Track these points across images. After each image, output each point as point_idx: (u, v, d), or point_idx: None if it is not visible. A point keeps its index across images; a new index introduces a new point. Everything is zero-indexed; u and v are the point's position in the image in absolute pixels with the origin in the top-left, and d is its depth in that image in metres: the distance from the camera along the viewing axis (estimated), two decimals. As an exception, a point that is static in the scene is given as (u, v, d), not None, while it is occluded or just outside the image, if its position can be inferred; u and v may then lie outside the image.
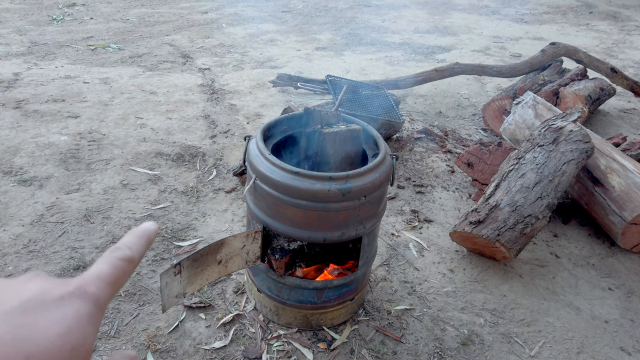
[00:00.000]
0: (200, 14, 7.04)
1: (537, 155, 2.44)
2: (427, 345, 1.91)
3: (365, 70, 5.03)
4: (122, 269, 0.40)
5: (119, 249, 0.41)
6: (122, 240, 0.43)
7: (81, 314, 0.34)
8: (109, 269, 0.39)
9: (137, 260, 0.42)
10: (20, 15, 6.30)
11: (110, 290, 0.38)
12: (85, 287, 0.36)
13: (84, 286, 0.36)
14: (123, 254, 0.41)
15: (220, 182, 2.88)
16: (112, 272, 0.39)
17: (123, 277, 0.40)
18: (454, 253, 2.43)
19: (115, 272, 0.39)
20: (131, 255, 0.41)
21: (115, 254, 0.40)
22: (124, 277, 0.40)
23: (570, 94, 3.53)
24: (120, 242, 0.42)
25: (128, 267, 0.40)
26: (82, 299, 0.35)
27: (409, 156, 3.27)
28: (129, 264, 0.40)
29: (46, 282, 0.35)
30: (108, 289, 0.37)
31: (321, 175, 1.51)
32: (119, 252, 0.41)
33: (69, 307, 0.34)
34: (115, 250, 0.41)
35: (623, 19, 7.79)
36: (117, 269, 0.39)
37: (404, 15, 7.62)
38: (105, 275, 0.38)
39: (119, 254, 0.40)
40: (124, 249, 0.41)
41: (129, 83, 4.27)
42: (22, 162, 2.92)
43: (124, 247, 0.42)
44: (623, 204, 2.42)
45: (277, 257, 1.75)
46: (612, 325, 2.08)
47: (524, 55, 5.54)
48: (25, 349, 0.30)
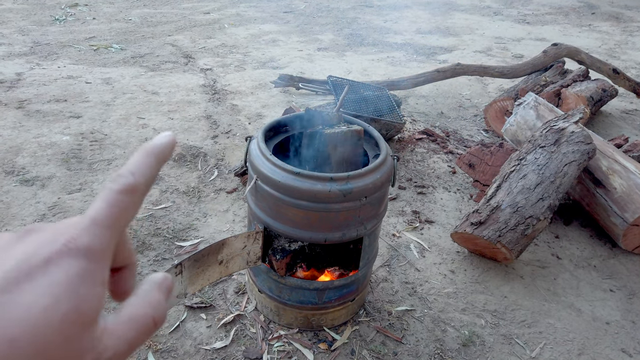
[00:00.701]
0: (202, 15, 7.05)
1: (538, 157, 2.44)
2: (427, 346, 1.91)
3: (367, 71, 5.03)
4: (122, 204, 0.33)
5: (120, 177, 0.33)
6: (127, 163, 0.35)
7: (71, 276, 0.29)
8: (106, 207, 0.32)
9: (143, 188, 0.34)
10: (22, 15, 6.31)
11: (111, 233, 0.32)
12: (76, 240, 0.30)
13: (74, 239, 0.30)
14: (123, 183, 0.33)
15: (222, 183, 2.88)
16: (110, 210, 0.32)
17: (126, 213, 0.33)
18: (455, 254, 2.43)
19: (114, 210, 0.32)
20: (134, 182, 0.33)
21: (114, 186, 0.33)
22: (127, 212, 0.33)
23: (572, 95, 3.53)
24: (124, 165, 0.35)
25: (131, 200, 0.33)
26: (71, 256, 0.29)
27: (411, 157, 3.27)
28: (131, 196, 0.33)
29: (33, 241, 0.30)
30: (106, 233, 0.31)
31: (322, 176, 1.51)
32: (119, 181, 0.33)
33: (55, 271, 0.29)
34: (115, 180, 0.33)
35: (625, 20, 7.78)
36: (116, 206, 0.32)
37: (406, 16, 7.62)
38: (102, 216, 0.32)
39: (118, 185, 0.33)
40: (126, 175, 0.34)
41: (131, 83, 4.27)
42: (24, 162, 2.93)
43: (126, 172, 0.34)
44: (625, 206, 2.41)
45: (278, 258, 1.75)
46: (614, 326, 2.07)
47: (526, 56, 5.54)
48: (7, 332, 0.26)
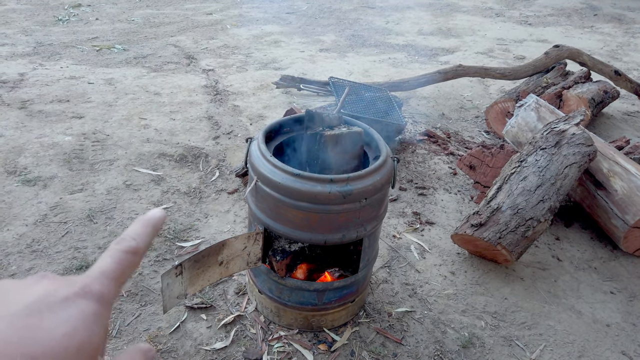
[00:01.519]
0: (204, 15, 7.07)
1: (539, 158, 2.44)
2: (427, 347, 1.91)
3: (368, 72, 5.03)
4: (126, 262, 0.39)
5: (124, 241, 0.40)
6: (128, 230, 0.42)
7: (86, 314, 0.34)
8: (113, 263, 0.38)
9: (142, 251, 0.41)
10: (26, 15, 6.34)
11: (116, 285, 0.38)
12: (90, 286, 0.36)
13: (88, 285, 0.36)
14: (127, 245, 0.40)
15: (223, 183, 2.89)
16: (116, 266, 0.38)
17: (128, 270, 0.39)
18: (456, 255, 2.43)
19: (119, 267, 0.38)
20: (136, 246, 0.41)
21: (119, 247, 0.40)
22: (129, 270, 0.40)
23: (574, 97, 3.53)
24: (125, 232, 0.42)
25: (133, 260, 0.40)
26: (86, 299, 0.35)
27: (411, 158, 3.27)
28: (133, 256, 0.40)
29: (52, 284, 0.36)
30: (113, 285, 0.37)
31: (322, 178, 1.52)
32: (123, 243, 0.40)
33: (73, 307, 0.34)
34: (119, 242, 0.40)
35: (628, 21, 7.77)
36: (121, 263, 0.39)
37: (408, 17, 7.62)
38: (110, 270, 0.38)
39: (123, 246, 0.40)
40: (129, 240, 0.41)
41: (133, 84, 4.29)
42: (27, 162, 2.94)
43: (128, 238, 0.41)
44: (625, 208, 2.41)
45: (278, 259, 1.76)
46: (614, 329, 2.07)
47: (527, 58, 5.53)
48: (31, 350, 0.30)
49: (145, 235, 0.42)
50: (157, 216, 0.45)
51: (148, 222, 0.43)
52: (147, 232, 0.43)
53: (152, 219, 0.44)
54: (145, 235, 0.42)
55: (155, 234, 0.44)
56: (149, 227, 0.43)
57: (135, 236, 0.41)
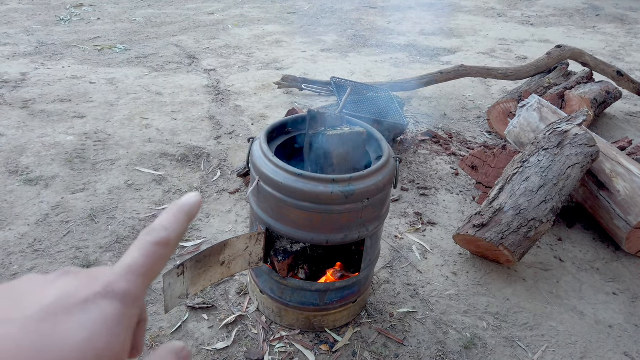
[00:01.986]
0: (206, 15, 7.07)
1: (541, 159, 2.43)
2: (429, 348, 1.91)
3: (370, 72, 5.03)
4: (156, 256, 0.36)
5: (154, 231, 0.37)
6: (159, 218, 0.38)
7: (108, 316, 0.31)
8: (141, 257, 0.35)
9: (174, 242, 0.38)
10: (28, 15, 6.34)
11: (144, 281, 0.35)
12: (114, 285, 0.33)
13: (112, 283, 0.33)
14: (158, 236, 0.36)
15: (225, 183, 2.89)
16: (144, 260, 0.35)
17: (158, 264, 0.36)
18: (458, 256, 2.42)
19: (148, 261, 0.35)
20: (167, 237, 0.37)
21: (149, 238, 0.36)
22: (160, 263, 0.36)
23: (576, 97, 3.52)
24: (156, 221, 0.38)
25: (164, 252, 0.36)
26: (109, 299, 0.32)
27: (413, 158, 3.27)
28: (164, 248, 0.36)
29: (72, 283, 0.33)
30: (140, 281, 0.34)
31: (324, 178, 1.51)
32: (153, 234, 0.37)
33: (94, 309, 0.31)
34: (149, 233, 0.37)
35: (630, 22, 7.75)
36: (150, 257, 0.35)
37: (410, 17, 7.61)
38: (137, 265, 0.35)
39: (153, 237, 0.36)
40: (160, 229, 0.37)
41: (135, 84, 4.29)
42: (28, 161, 2.95)
43: (159, 227, 0.37)
44: (628, 208, 2.40)
45: (280, 259, 1.75)
46: (616, 330, 2.07)
47: (529, 58, 5.52)
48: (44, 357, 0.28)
49: (178, 224, 0.38)
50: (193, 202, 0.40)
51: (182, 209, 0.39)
52: (180, 221, 0.39)
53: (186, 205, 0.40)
54: (178, 224, 0.38)
55: (189, 222, 0.40)
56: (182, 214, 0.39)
57: (167, 225, 0.38)
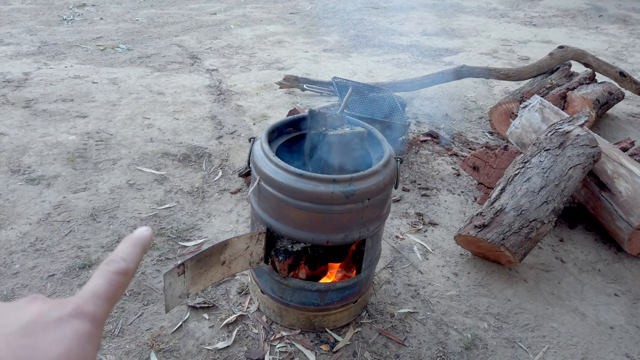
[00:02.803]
0: (208, 15, 7.08)
1: (543, 160, 2.43)
2: (430, 349, 1.90)
3: (372, 72, 5.03)
4: (117, 283, 0.40)
5: (114, 262, 0.42)
6: (117, 250, 0.43)
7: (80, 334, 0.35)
8: (104, 284, 0.40)
9: (132, 271, 0.43)
10: (31, 15, 6.36)
11: (108, 305, 0.39)
12: (82, 307, 0.37)
13: (80, 306, 0.37)
14: (118, 267, 0.41)
15: (226, 183, 2.89)
16: (107, 287, 0.40)
17: (119, 290, 0.41)
18: (459, 257, 2.42)
19: (110, 287, 0.40)
20: (126, 267, 0.42)
21: (109, 268, 0.41)
22: (120, 290, 0.41)
23: (578, 98, 3.51)
24: (114, 252, 0.43)
25: (123, 280, 0.41)
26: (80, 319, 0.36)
27: (415, 159, 3.27)
28: (124, 277, 0.41)
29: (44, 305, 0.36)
30: (105, 305, 0.39)
31: (325, 178, 1.51)
32: (113, 265, 0.41)
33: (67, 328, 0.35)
34: (110, 264, 0.41)
35: (633, 22, 7.74)
36: (112, 284, 0.40)
37: (412, 18, 7.61)
38: (101, 291, 0.39)
39: (114, 267, 0.41)
40: (119, 261, 0.42)
41: (137, 83, 4.30)
42: (31, 161, 2.95)
43: (118, 259, 0.42)
44: (630, 210, 2.40)
45: (280, 259, 1.76)
46: (618, 331, 2.06)
47: (532, 59, 5.52)
48: None
49: (135, 255, 0.43)
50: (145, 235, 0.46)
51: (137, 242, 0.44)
52: (136, 252, 0.44)
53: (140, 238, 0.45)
54: (135, 255, 0.43)
55: (143, 253, 0.45)
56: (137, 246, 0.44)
57: (125, 257, 0.43)
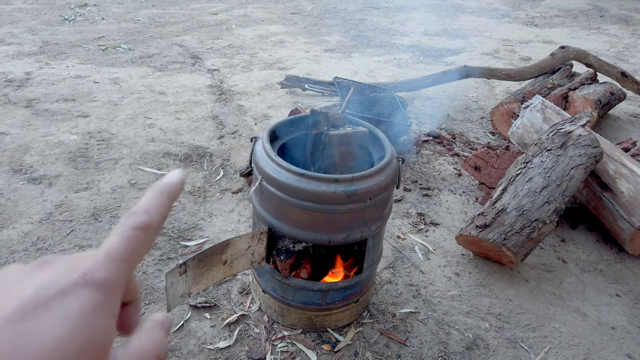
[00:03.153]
0: (210, 15, 7.08)
1: (544, 160, 2.43)
2: (431, 348, 1.90)
3: (373, 72, 5.03)
4: (137, 240, 0.34)
5: (134, 215, 0.35)
6: (141, 200, 0.36)
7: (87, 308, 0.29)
8: (121, 243, 0.33)
9: (156, 225, 0.36)
10: (32, 15, 6.37)
11: (125, 268, 0.33)
12: (92, 273, 0.31)
13: (90, 272, 0.31)
14: (138, 220, 0.35)
15: (227, 183, 2.89)
16: (124, 246, 0.33)
17: (140, 249, 0.34)
18: (460, 257, 2.42)
19: (128, 246, 0.33)
20: (148, 221, 0.35)
21: (129, 222, 0.34)
22: (141, 248, 0.34)
23: (580, 98, 3.51)
24: (138, 203, 0.36)
25: (145, 236, 0.34)
26: (88, 288, 0.30)
27: (416, 159, 3.27)
28: (145, 232, 0.34)
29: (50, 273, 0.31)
30: (120, 267, 0.33)
31: (327, 177, 1.51)
32: (133, 218, 0.35)
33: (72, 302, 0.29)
34: (130, 217, 0.35)
35: (635, 22, 7.73)
36: (131, 242, 0.34)
37: (413, 18, 7.61)
38: (117, 251, 0.33)
39: (133, 222, 0.34)
40: (140, 213, 0.35)
41: (138, 83, 4.30)
42: (32, 160, 2.96)
43: (140, 211, 0.35)
44: (632, 210, 2.39)
45: (282, 259, 1.76)
46: (619, 331, 2.06)
47: (533, 59, 5.51)
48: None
49: (160, 207, 0.36)
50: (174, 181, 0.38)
51: (163, 190, 0.37)
52: (162, 203, 0.36)
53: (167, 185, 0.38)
54: (160, 207, 0.36)
55: (172, 203, 0.37)
56: (163, 196, 0.37)
57: (148, 208, 0.36)
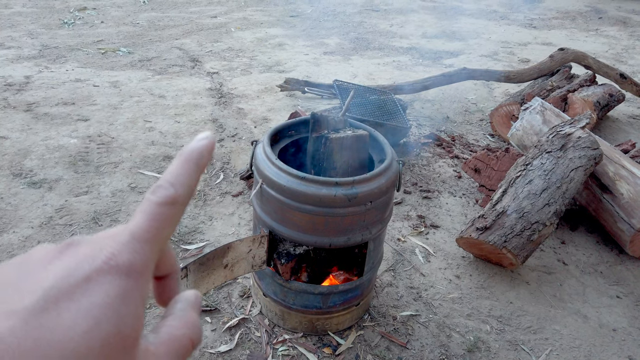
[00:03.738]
0: (209, 18, 7.09)
1: (544, 162, 2.43)
2: (432, 351, 1.90)
3: (372, 75, 5.03)
4: (163, 217, 0.31)
5: (159, 188, 0.32)
6: (166, 172, 0.33)
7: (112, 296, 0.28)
8: (146, 221, 0.31)
9: (183, 199, 0.33)
10: (32, 18, 6.38)
11: (151, 248, 0.31)
12: (116, 257, 0.29)
13: (114, 256, 0.29)
14: (163, 195, 0.32)
15: (227, 186, 2.89)
16: (149, 224, 0.31)
17: (167, 226, 0.32)
18: (461, 259, 2.42)
19: (154, 224, 0.31)
20: (174, 194, 0.32)
21: (153, 198, 0.32)
22: (169, 225, 0.32)
23: (579, 100, 3.52)
24: (163, 175, 0.33)
25: (171, 212, 0.32)
26: (112, 275, 0.28)
27: (416, 161, 3.27)
28: (171, 208, 0.32)
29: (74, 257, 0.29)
30: (147, 248, 0.30)
31: (327, 181, 1.52)
32: (158, 192, 0.32)
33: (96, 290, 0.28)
34: (155, 191, 0.32)
35: (633, 24, 7.75)
36: (156, 219, 0.31)
37: (412, 20, 7.62)
38: (142, 230, 0.31)
39: (158, 197, 0.32)
40: (166, 186, 0.32)
41: (138, 86, 4.30)
42: (32, 164, 2.96)
43: (165, 184, 0.32)
44: (632, 211, 2.40)
45: (283, 262, 1.76)
46: (620, 333, 2.06)
47: (532, 61, 5.52)
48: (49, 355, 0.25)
49: (187, 177, 0.33)
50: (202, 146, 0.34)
51: (189, 158, 0.34)
52: (189, 173, 0.33)
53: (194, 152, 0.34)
54: (187, 177, 0.33)
55: (200, 172, 0.34)
56: (190, 164, 0.34)
57: (173, 180, 0.33)
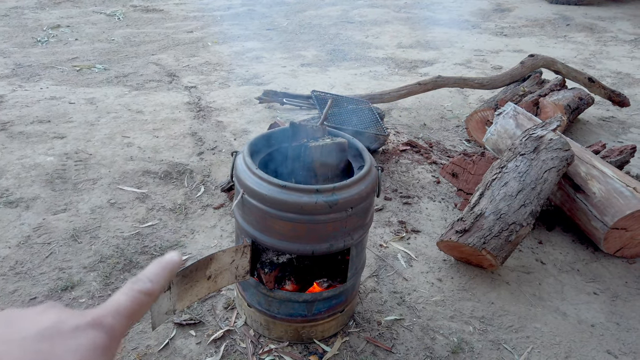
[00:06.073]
0: (185, 33, 7.09)
1: (519, 164, 2.49)
2: (417, 354, 1.92)
3: (350, 85, 5.10)
4: (140, 302, 0.41)
5: (140, 281, 0.42)
6: (145, 270, 0.44)
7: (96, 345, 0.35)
8: (127, 301, 0.40)
9: (156, 293, 0.43)
10: (4, 37, 6.28)
11: (127, 322, 0.39)
12: (102, 319, 0.37)
13: (100, 318, 0.37)
14: (143, 286, 0.42)
15: (209, 199, 2.89)
16: (130, 304, 0.40)
17: (141, 309, 0.41)
18: (442, 262, 2.46)
19: (133, 305, 0.40)
20: (151, 288, 0.42)
21: (135, 286, 0.41)
22: (142, 309, 0.41)
23: (550, 104, 3.62)
24: (142, 272, 0.44)
25: (146, 300, 0.41)
26: (97, 330, 0.36)
27: (395, 168, 3.32)
28: (147, 297, 0.42)
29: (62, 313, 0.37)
30: (124, 321, 0.39)
31: (308, 188, 1.54)
32: (139, 284, 0.42)
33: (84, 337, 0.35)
34: (136, 282, 0.42)
35: (599, 30, 8.02)
36: (135, 302, 0.40)
37: (387, 31, 7.75)
38: (123, 307, 0.39)
39: (139, 287, 0.42)
40: (145, 281, 0.42)
41: (115, 102, 4.27)
42: (8, 183, 2.90)
43: (145, 279, 0.43)
44: (604, 210, 2.47)
45: (266, 271, 1.76)
46: (599, 329, 2.11)
47: (504, 68, 5.66)
48: None
49: (161, 278, 0.44)
50: (175, 260, 0.46)
51: (165, 266, 0.45)
52: (163, 275, 0.44)
53: (169, 262, 0.45)
54: (161, 278, 0.44)
55: (171, 277, 0.45)
56: (165, 270, 0.45)
57: (152, 278, 0.43)
